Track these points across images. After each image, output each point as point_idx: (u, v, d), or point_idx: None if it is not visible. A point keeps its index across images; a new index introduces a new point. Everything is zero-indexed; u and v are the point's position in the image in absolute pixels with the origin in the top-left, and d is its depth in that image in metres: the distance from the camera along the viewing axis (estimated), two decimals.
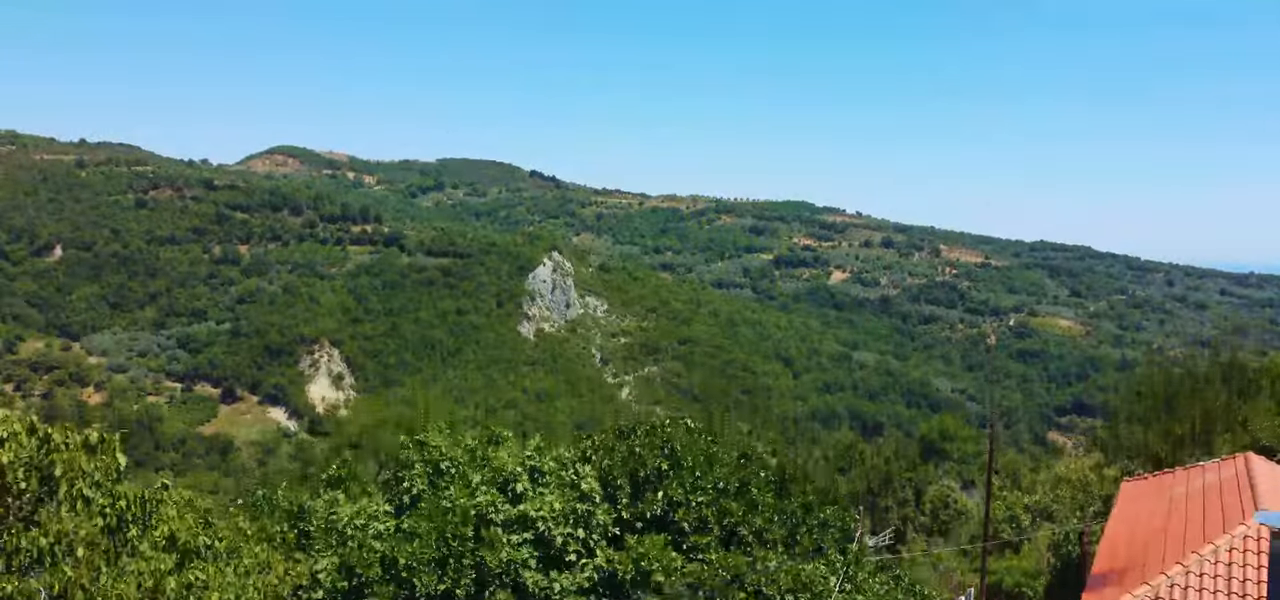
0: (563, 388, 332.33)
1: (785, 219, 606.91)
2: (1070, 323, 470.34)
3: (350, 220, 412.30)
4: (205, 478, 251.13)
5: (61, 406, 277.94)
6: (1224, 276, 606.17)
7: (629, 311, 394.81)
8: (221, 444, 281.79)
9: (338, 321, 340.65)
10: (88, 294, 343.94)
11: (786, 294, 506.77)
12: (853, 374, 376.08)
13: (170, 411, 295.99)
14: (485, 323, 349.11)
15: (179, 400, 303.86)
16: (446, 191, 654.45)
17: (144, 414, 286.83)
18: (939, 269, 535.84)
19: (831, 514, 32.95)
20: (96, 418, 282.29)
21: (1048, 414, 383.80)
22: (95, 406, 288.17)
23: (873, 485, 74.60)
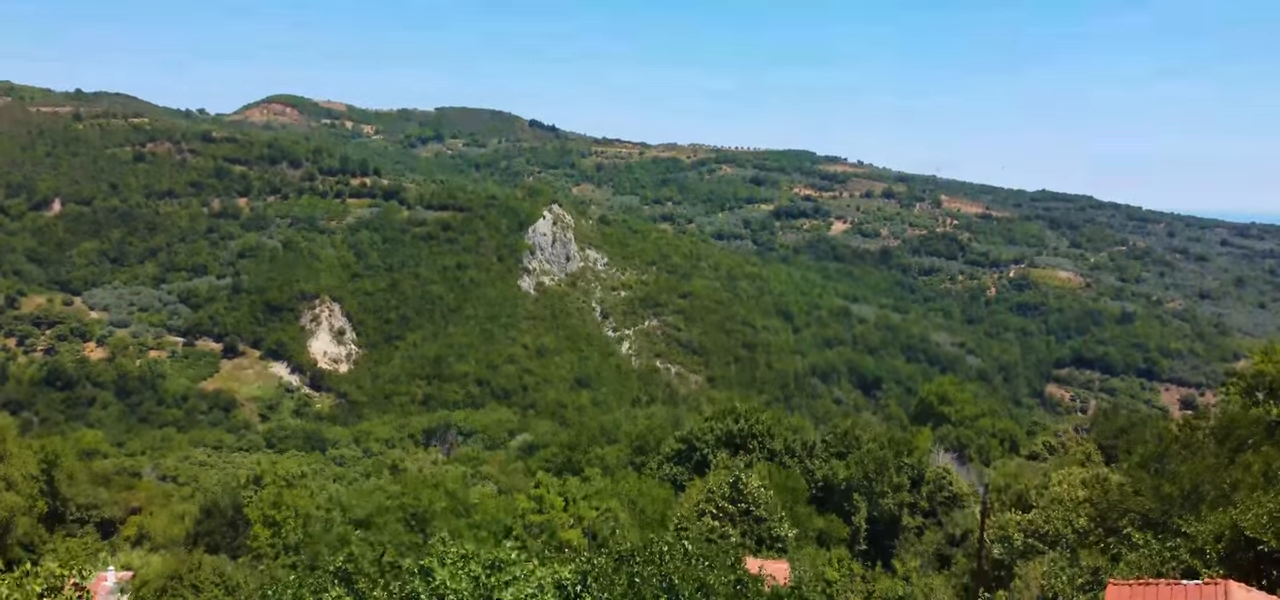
0: (563, 343, 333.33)
1: (786, 169, 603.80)
2: (1070, 275, 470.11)
3: (349, 173, 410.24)
4: (209, 435, 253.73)
5: (64, 364, 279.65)
6: (1225, 227, 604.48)
7: (629, 265, 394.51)
8: (224, 400, 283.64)
9: (338, 277, 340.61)
10: (88, 249, 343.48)
11: (787, 246, 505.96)
12: (852, 328, 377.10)
13: (172, 367, 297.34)
14: (485, 278, 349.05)
15: (181, 356, 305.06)
16: (446, 142, 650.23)
17: (146, 370, 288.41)
18: (940, 220, 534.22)
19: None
20: (99, 373, 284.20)
21: (1046, 368, 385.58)
22: (97, 362, 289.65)
23: (869, 471, 75.24)
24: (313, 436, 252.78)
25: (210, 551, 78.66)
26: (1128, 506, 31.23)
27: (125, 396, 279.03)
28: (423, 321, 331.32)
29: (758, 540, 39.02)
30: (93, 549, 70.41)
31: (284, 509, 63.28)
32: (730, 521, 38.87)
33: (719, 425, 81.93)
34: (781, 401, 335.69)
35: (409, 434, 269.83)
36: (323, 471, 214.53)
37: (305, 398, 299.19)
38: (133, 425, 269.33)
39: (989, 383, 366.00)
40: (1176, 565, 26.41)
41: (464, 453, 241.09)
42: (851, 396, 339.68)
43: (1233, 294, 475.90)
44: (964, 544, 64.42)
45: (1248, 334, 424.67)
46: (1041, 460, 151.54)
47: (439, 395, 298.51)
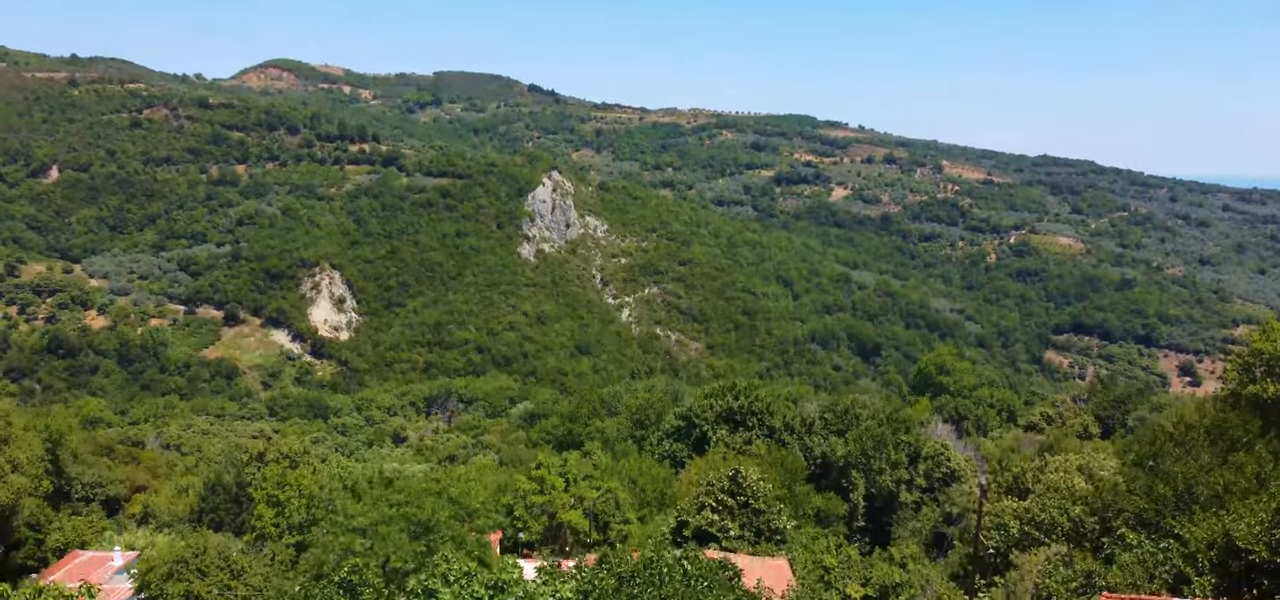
0: (563, 310, 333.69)
1: (787, 134, 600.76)
2: (1070, 241, 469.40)
3: (347, 139, 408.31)
4: (211, 403, 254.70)
5: (66, 332, 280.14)
6: (1227, 192, 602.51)
7: (629, 232, 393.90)
8: (226, 369, 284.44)
9: (338, 244, 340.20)
10: (86, 217, 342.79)
11: (787, 212, 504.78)
12: (852, 295, 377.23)
13: (174, 335, 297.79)
14: (485, 245, 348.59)
15: (182, 324, 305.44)
16: (444, 107, 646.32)
17: (148, 338, 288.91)
18: (941, 186, 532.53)
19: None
20: (101, 341, 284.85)
21: (1045, 335, 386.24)
22: (99, 330, 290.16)
23: (867, 449, 75.64)
24: (315, 405, 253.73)
25: (214, 528, 79.39)
26: (1122, 506, 31.51)
27: (127, 364, 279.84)
28: (423, 289, 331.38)
29: (756, 531, 39.38)
30: (98, 527, 71.11)
31: (288, 489, 63.88)
32: (729, 514, 39.20)
33: (718, 402, 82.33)
34: (781, 368, 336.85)
35: (410, 401, 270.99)
36: (324, 439, 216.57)
37: (307, 365, 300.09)
38: (135, 393, 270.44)
39: (988, 349, 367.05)
40: (1168, 569, 26.79)
41: (465, 420, 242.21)
42: (851, 363, 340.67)
43: (1233, 260, 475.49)
44: (960, 523, 65.08)
45: (1247, 300, 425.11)
46: (1039, 431, 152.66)
47: (440, 363, 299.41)
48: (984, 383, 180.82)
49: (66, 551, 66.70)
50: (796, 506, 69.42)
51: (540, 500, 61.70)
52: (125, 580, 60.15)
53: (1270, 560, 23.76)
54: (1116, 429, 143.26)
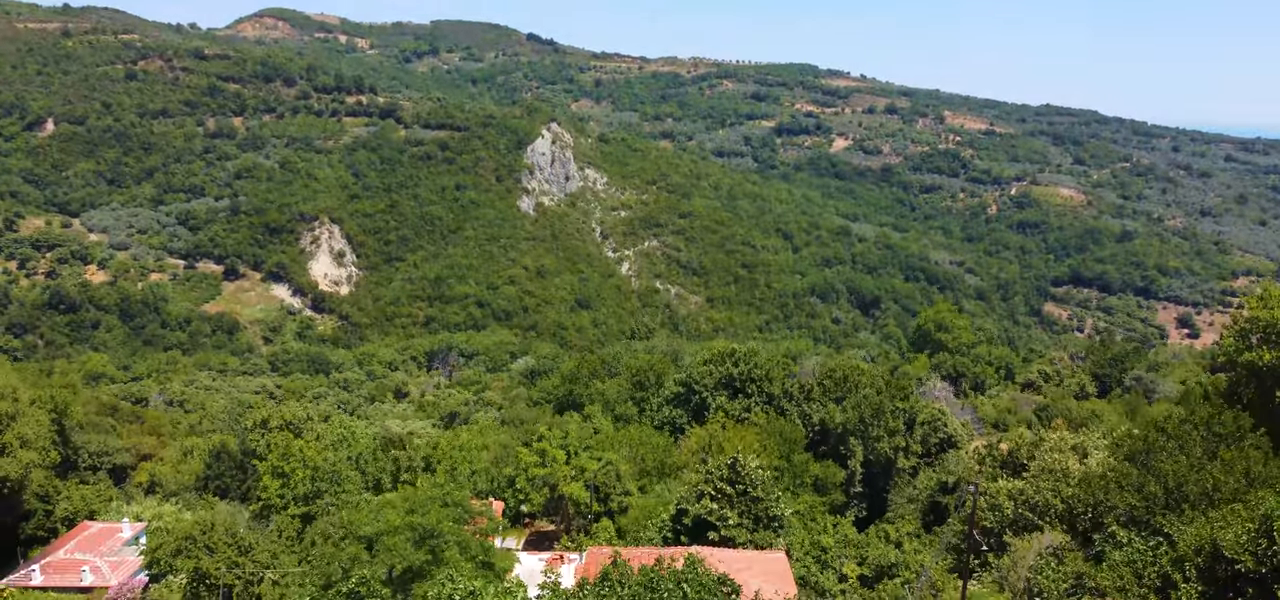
0: (563, 264, 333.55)
1: (788, 84, 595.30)
2: (1072, 192, 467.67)
3: (344, 91, 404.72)
4: (213, 358, 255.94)
5: (67, 287, 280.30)
6: (1230, 142, 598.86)
7: (629, 184, 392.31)
8: (227, 323, 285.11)
9: (337, 198, 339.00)
10: (83, 170, 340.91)
11: (788, 163, 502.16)
12: (852, 247, 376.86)
13: (174, 290, 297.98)
14: (484, 199, 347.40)
15: (182, 279, 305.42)
16: (441, 56, 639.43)
17: (148, 293, 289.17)
18: (942, 136, 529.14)
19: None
20: (101, 296, 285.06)
21: (1044, 287, 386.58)
22: (99, 286, 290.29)
23: (865, 416, 76.22)
24: (316, 360, 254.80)
25: (219, 495, 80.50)
26: (1113, 502, 32.01)
27: (128, 320, 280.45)
28: (422, 242, 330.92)
29: (754, 518, 39.98)
30: (106, 496, 72.06)
31: (293, 460, 64.59)
32: (728, 502, 39.75)
33: (718, 369, 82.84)
34: (781, 321, 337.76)
35: (412, 356, 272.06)
36: (326, 396, 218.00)
37: (307, 320, 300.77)
38: (137, 348, 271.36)
39: (987, 302, 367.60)
40: (1156, 571, 27.36)
41: (466, 375, 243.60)
42: (850, 316, 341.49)
43: (1234, 211, 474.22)
44: (955, 492, 65.95)
45: (1247, 251, 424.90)
46: (1036, 390, 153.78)
47: (440, 317, 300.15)
48: (982, 340, 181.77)
49: (75, 521, 67.70)
50: (795, 475, 70.35)
51: (542, 473, 62.53)
52: (134, 551, 61.20)
53: (1256, 570, 24.33)
54: (1113, 388, 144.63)
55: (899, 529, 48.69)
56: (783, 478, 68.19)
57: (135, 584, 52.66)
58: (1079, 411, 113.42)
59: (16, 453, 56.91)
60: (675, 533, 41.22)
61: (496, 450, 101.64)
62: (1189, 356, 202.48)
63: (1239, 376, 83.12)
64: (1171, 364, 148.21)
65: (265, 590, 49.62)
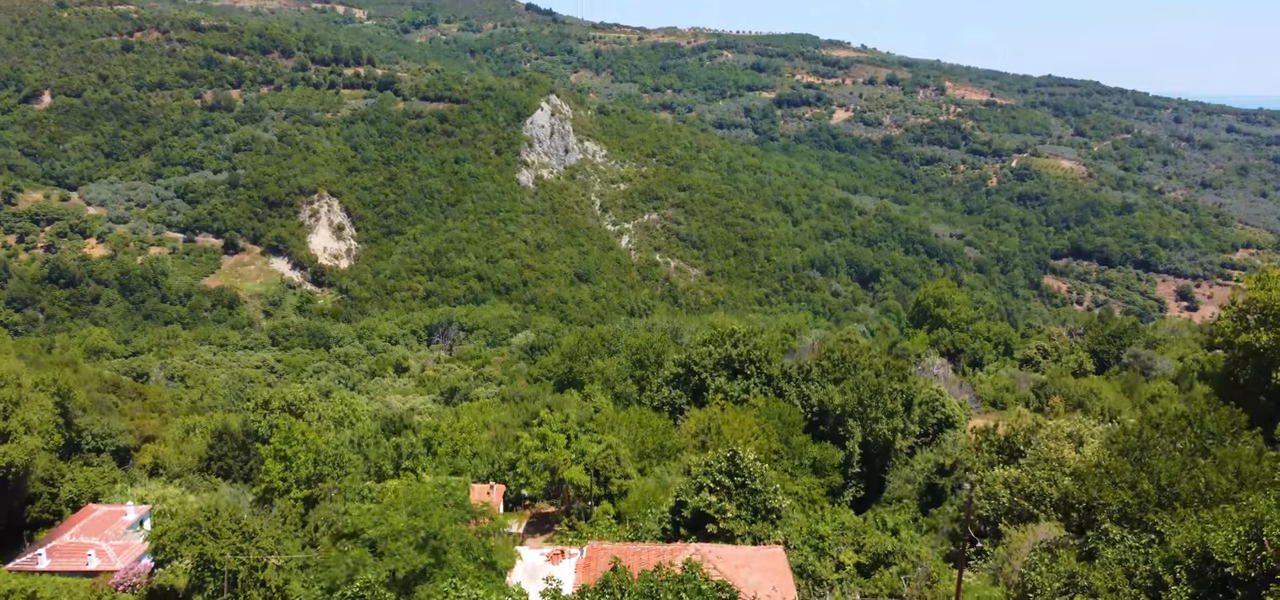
0: (562, 237, 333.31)
1: (788, 55, 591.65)
2: (1072, 164, 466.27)
3: (342, 63, 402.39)
4: (214, 333, 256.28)
5: (66, 261, 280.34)
6: (1232, 113, 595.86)
7: (628, 157, 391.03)
8: (227, 298, 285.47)
9: (335, 172, 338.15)
10: (81, 143, 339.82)
11: (788, 135, 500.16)
12: (852, 220, 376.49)
13: (174, 264, 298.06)
14: (483, 172, 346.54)
15: (181, 253, 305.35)
16: (439, 27, 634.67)
17: (148, 267, 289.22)
18: (943, 108, 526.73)
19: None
20: (101, 270, 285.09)
21: (1044, 259, 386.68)
22: (99, 259, 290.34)
23: (864, 397, 76.61)
24: (317, 334, 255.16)
25: (222, 476, 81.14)
26: (1106, 500, 32.42)
27: (128, 294, 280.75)
28: (421, 216, 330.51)
29: (753, 510, 40.47)
30: (110, 478, 72.63)
31: (295, 444, 65.07)
32: (727, 495, 40.20)
33: (717, 350, 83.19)
34: (780, 294, 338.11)
35: (412, 330, 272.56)
36: (327, 370, 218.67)
37: (308, 294, 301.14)
38: (138, 322, 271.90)
39: (986, 275, 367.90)
40: (1147, 570, 27.79)
41: (466, 350, 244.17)
42: (849, 289, 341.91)
43: (1235, 183, 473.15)
44: (952, 474, 66.54)
45: (1247, 223, 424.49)
46: (1034, 366, 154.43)
47: (440, 291, 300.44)
48: (981, 316, 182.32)
49: (80, 504, 68.29)
50: (794, 457, 70.91)
51: (542, 456, 63.06)
52: (138, 534, 61.83)
53: (1245, 574, 24.72)
54: (1111, 365, 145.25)
55: (896, 516, 49.20)
56: (781, 460, 68.78)
57: (141, 569, 53.28)
58: (1077, 390, 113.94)
59: (21, 438, 57.39)
60: (674, 525, 41.78)
61: (497, 429, 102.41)
62: (1187, 330, 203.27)
63: (1236, 357, 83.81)
64: (1169, 340, 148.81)
65: (269, 576, 50.24)
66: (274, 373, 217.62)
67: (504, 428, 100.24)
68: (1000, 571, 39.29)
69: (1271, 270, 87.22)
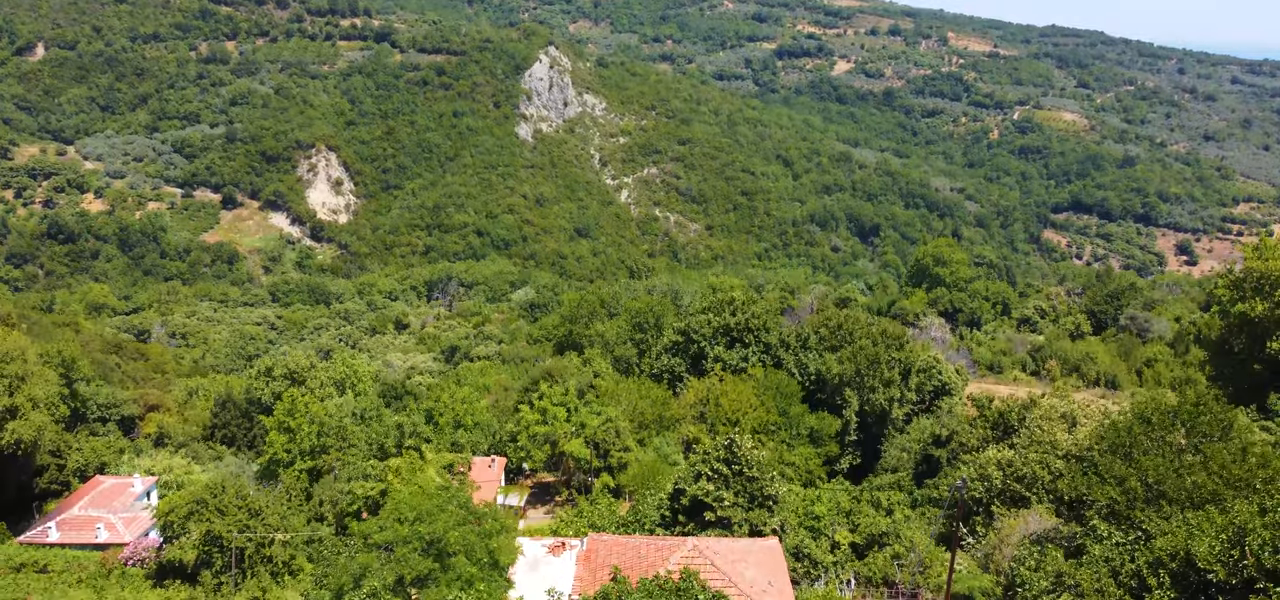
0: (561, 192, 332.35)
1: (789, 5, 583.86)
2: (1075, 116, 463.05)
3: (338, 14, 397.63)
4: (214, 289, 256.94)
5: (64, 217, 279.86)
6: (1237, 64, 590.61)
7: (628, 110, 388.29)
8: (227, 253, 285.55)
9: (333, 126, 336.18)
10: (76, 96, 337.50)
11: (788, 87, 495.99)
12: (852, 174, 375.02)
13: (172, 219, 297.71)
14: (482, 125, 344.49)
15: (180, 208, 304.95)
16: None
17: (147, 223, 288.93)
18: (945, 59, 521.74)
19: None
20: (100, 226, 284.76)
21: (1044, 213, 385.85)
22: (97, 215, 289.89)
23: (861, 367, 77.23)
24: (316, 290, 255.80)
25: (226, 443, 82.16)
26: (1095, 496, 33.09)
27: (128, 249, 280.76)
28: (420, 171, 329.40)
29: (750, 497, 41.22)
30: (117, 448, 73.56)
31: (298, 416, 65.88)
32: (724, 483, 40.91)
33: (716, 318, 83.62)
34: (779, 249, 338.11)
35: (411, 286, 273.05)
36: (327, 327, 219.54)
37: (307, 249, 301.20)
38: (137, 278, 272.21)
39: (986, 229, 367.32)
40: (1133, 571, 28.50)
41: (466, 306, 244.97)
42: (849, 244, 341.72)
43: (1238, 136, 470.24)
44: (948, 445, 67.35)
45: (1249, 177, 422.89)
46: (1032, 326, 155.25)
47: (439, 246, 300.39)
48: (980, 275, 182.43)
49: (87, 474, 69.24)
50: (791, 428, 71.78)
51: (543, 430, 63.85)
52: (146, 506, 62.85)
53: (1227, 581, 25.41)
54: (1109, 326, 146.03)
55: (891, 496, 50.03)
56: (779, 431, 69.63)
57: (149, 543, 54.26)
58: (1073, 354, 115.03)
59: (29, 414, 58.11)
60: (673, 512, 42.64)
61: (498, 393, 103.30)
62: (1186, 286, 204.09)
63: (1231, 326, 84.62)
64: (1167, 301, 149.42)
65: (276, 552, 51.22)
66: (274, 329, 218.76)
67: (505, 391, 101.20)
68: (991, 558, 40.21)
69: (1269, 240, 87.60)
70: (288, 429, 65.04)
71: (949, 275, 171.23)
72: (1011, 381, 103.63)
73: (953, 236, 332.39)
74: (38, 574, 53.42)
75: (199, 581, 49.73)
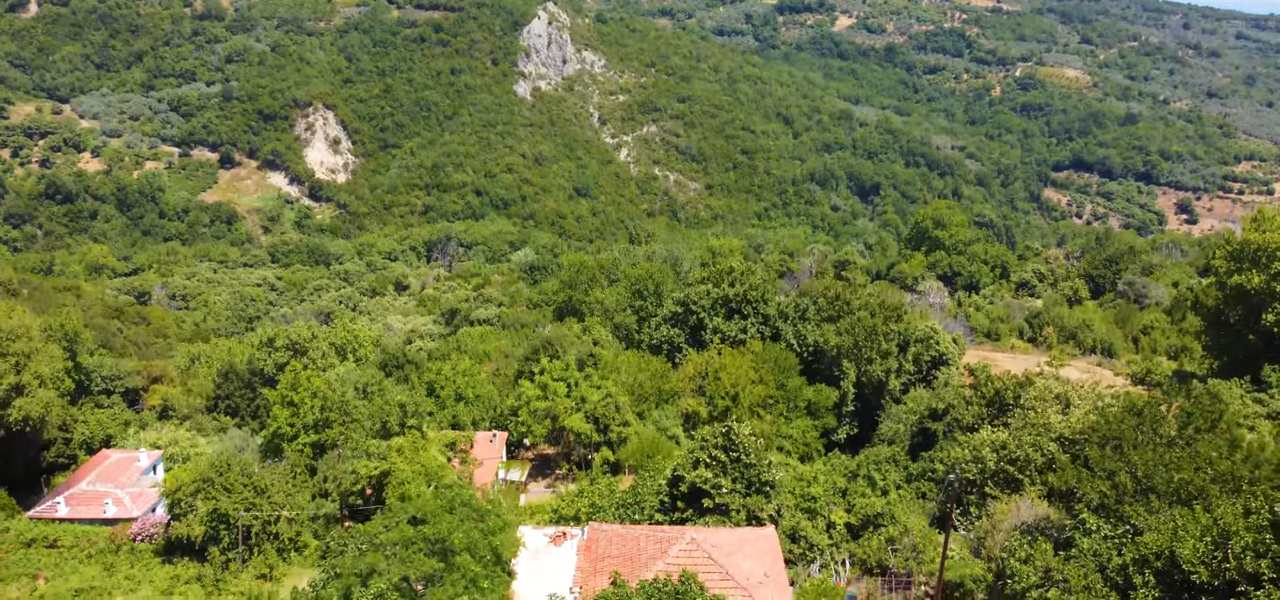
0: (560, 150, 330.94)
1: None
2: (1077, 73, 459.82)
3: None
4: (213, 249, 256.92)
5: (62, 177, 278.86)
6: (1242, 18, 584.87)
7: (627, 67, 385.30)
8: (225, 213, 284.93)
9: (330, 84, 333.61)
10: (70, 54, 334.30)
11: (789, 43, 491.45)
12: (853, 132, 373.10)
13: (170, 178, 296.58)
14: (480, 83, 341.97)
15: (177, 167, 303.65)
16: None
17: (145, 183, 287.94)
18: (948, 14, 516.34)
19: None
20: (98, 186, 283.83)
21: (1045, 171, 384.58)
22: (95, 174, 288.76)
23: (859, 339, 77.71)
24: (315, 251, 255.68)
25: (229, 414, 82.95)
26: (1084, 491, 33.71)
27: (126, 209, 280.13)
28: (418, 129, 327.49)
29: (747, 484, 41.94)
30: (122, 420, 74.35)
31: (301, 390, 66.49)
32: (722, 470, 41.58)
33: (715, 290, 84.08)
34: (779, 208, 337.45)
35: (411, 246, 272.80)
36: (328, 288, 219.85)
37: (305, 209, 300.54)
38: (136, 238, 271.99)
39: (986, 187, 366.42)
40: (1119, 567, 29.19)
41: (466, 267, 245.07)
42: (849, 203, 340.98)
43: (1242, 92, 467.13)
44: (944, 419, 68.15)
45: (1251, 134, 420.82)
46: (1030, 290, 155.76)
47: (438, 205, 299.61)
48: (979, 238, 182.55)
49: (93, 446, 70.09)
50: (789, 401, 72.54)
51: (544, 405, 64.56)
52: (152, 481, 63.75)
53: (1209, 583, 26.09)
54: (1107, 291, 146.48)
55: (886, 476, 50.80)
56: (777, 404, 70.39)
57: (157, 519, 55.17)
58: (1070, 321, 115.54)
59: (36, 392, 58.77)
60: (672, 498, 43.38)
61: (498, 360, 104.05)
62: (1186, 246, 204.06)
63: (1228, 297, 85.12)
64: (1165, 265, 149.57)
65: (282, 529, 52.18)
66: (274, 290, 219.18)
67: (505, 358, 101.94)
68: (983, 543, 41.03)
69: (1267, 211, 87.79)
70: (291, 403, 65.68)
71: (948, 238, 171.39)
72: (1009, 350, 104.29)
73: (953, 196, 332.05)
74: (48, 549, 54.42)
75: (207, 557, 50.74)
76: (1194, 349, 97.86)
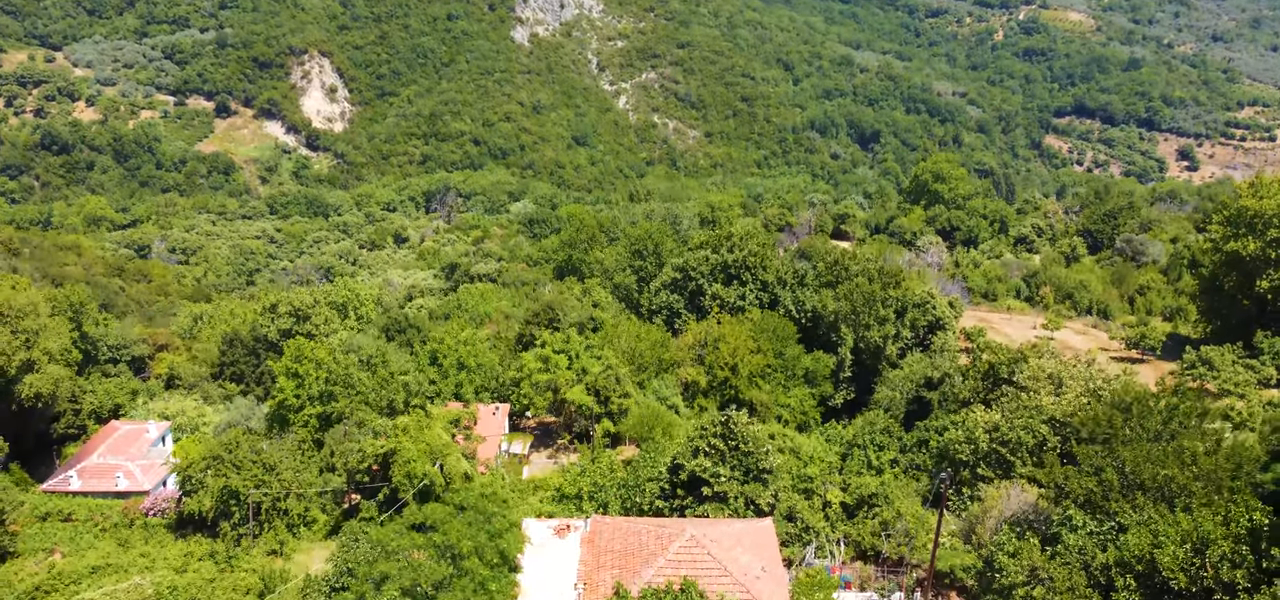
0: (558, 98, 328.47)
1: None
2: (1081, 16, 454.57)
3: None
4: (211, 200, 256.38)
5: (57, 127, 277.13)
6: None
7: (625, 11, 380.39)
8: (222, 163, 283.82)
9: (325, 30, 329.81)
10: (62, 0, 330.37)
11: None
12: (854, 78, 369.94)
13: (166, 128, 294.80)
14: (477, 29, 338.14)
15: (173, 116, 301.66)
16: None
17: (141, 133, 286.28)
18: None
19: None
20: (94, 136, 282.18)
21: (1046, 118, 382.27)
22: (90, 124, 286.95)
23: (857, 305, 78.42)
24: (314, 202, 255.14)
25: (235, 380, 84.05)
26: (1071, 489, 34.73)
27: (123, 160, 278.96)
28: (415, 77, 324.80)
29: (746, 471, 42.94)
30: (129, 390, 75.41)
31: (305, 362, 67.40)
32: (721, 458, 42.59)
33: (714, 256, 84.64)
34: (779, 156, 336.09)
35: (409, 196, 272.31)
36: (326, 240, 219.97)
37: (303, 159, 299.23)
38: (134, 189, 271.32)
39: (987, 134, 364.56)
40: (1102, 565, 30.30)
41: (465, 219, 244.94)
42: (849, 151, 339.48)
43: (1247, 35, 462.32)
44: (939, 388, 69.26)
45: (1255, 79, 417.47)
46: (1028, 245, 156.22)
47: (437, 155, 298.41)
48: (979, 190, 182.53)
49: (102, 416, 71.22)
50: (787, 369, 73.58)
51: (545, 377, 65.55)
52: (161, 453, 65.01)
53: (1187, 588, 27.18)
54: (1105, 247, 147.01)
55: (882, 454, 51.97)
56: (775, 373, 71.44)
57: (168, 494, 56.42)
58: (1066, 281, 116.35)
59: (45, 368, 59.69)
60: (672, 486, 44.50)
61: (499, 321, 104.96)
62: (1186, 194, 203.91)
63: (1223, 262, 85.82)
64: (1163, 220, 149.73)
65: (291, 505, 53.46)
66: (274, 243, 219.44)
67: (505, 320, 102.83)
68: (974, 529, 42.26)
69: (1265, 177, 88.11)
70: (295, 375, 66.63)
71: (948, 191, 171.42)
72: (1005, 311, 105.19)
73: (953, 143, 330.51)
74: (63, 523, 55.77)
75: (218, 532, 52.08)
76: (1189, 311, 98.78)
